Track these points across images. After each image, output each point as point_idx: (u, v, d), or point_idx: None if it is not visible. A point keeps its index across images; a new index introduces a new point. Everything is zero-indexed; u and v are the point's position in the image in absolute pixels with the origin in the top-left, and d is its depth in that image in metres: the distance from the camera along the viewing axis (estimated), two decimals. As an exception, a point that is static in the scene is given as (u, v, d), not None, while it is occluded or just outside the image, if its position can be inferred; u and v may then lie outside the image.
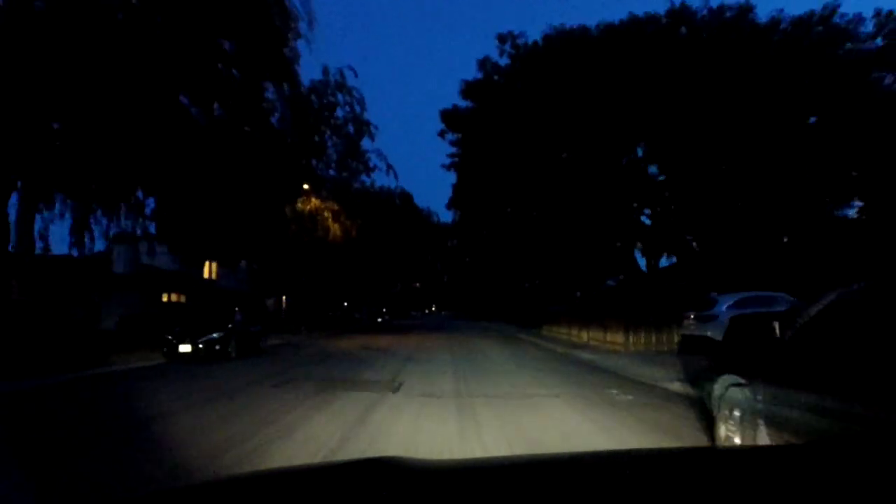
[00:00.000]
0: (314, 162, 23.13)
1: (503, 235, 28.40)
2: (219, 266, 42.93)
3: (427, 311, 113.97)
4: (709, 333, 14.93)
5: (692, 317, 15.62)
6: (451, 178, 28.04)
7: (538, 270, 38.13)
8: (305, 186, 25.88)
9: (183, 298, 39.99)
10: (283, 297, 50.70)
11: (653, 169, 25.86)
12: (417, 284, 77.13)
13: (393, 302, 70.38)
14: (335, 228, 28.64)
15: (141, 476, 4.38)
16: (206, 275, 43.92)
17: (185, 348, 14.16)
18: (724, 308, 15.15)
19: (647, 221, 26.92)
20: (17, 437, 6.09)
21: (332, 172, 24.08)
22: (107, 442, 5.69)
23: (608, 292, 27.19)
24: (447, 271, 69.19)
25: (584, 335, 20.62)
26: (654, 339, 16.63)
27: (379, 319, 50.20)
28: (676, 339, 16.70)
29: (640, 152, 23.93)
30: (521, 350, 18.42)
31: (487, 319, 54.63)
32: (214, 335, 14.46)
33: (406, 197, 37.11)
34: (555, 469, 1.39)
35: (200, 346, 14.24)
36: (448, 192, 28.93)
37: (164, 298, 38.11)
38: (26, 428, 6.59)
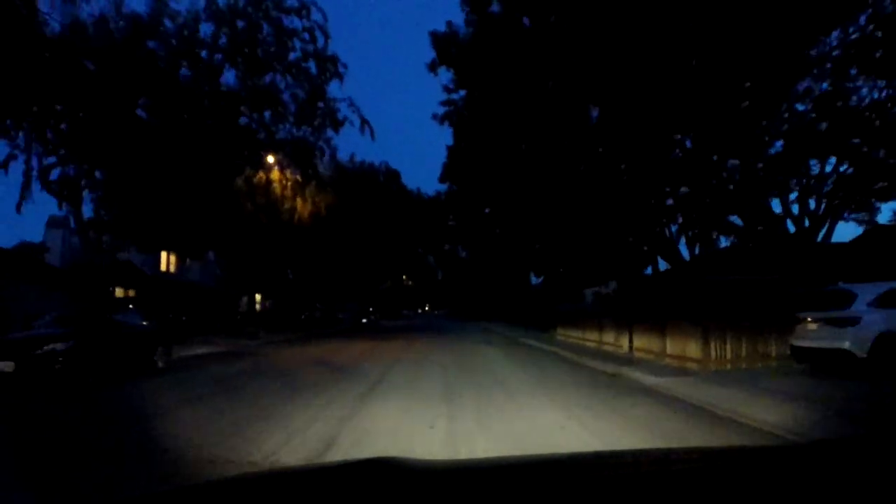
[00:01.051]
0: (267, 114, 17.64)
1: (508, 214, 22.91)
2: (178, 257, 37.45)
3: (420, 311, 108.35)
4: (846, 345, 9.56)
5: (810, 319, 10.22)
6: (445, 138, 22.16)
7: (547, 261, 32.79)
8: (271, 159, 20.39)
9: (132, 293, 34.57)
10: (259, 295, 45.43)
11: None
12: (410, 282, 71.67)
13: (382, 301, 64.67)
14: (303, 208, 23.12)
15: None
16: (162, 267, 38.51)
17: (4, 366, 8.61)
18: (865, 306, 9.79)
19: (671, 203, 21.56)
20: None
21: (288, 127, 18.47)
22: None
23: (647, 286, 21.81)
24: (441, 266, 63.67)
25: (624, 343, 15.21)
26: (743, 351, 11.24)
27: (364, 320, 44.52)
28: (774, 350, 11.37)
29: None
30: (545, 369, 12.97)
31: (486, 319, 49.25)
32: (57, 346, 8.90)
33: (392, 174, 31.39)
34: (555, 469, 1.40)
35: (42, 358, 8.72)
36: (439, 163, 23.50)
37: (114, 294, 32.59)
38: None
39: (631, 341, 14.58)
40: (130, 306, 13.43)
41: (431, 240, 33.15)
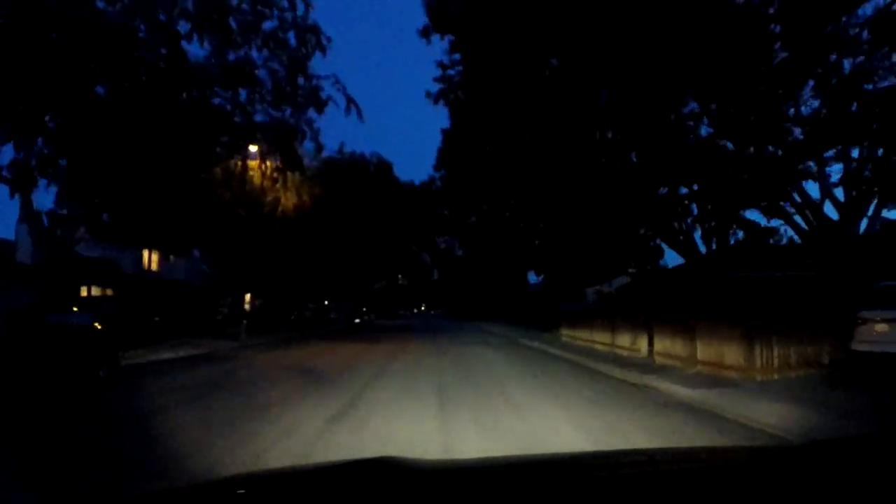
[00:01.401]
0: (243, 94, 15.85)
1: (508, 205, 21.18)
2: (161, 254, 35.70)
3: (416, 311, 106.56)
4: (927, 350, 7.91)
5: (880, 319, 8.54)
6: (440, 121, 20.22)
7: (548, 258, 31.14)
8: (251, 147, 18.54)
9: (110, 292, 32.76)
10: (249, 295, 43.69)
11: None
12: (406, 282, 69.92)
13: (377, 300, 62.83)
14: (288, 199, 21.39)
15: None
16: (144, 265, 36.75)
17: None
18: (947, 303, 8.13)
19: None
20: None
21: (267, 109, 16.56)
22: None
23: (659, 283, 20.13)
24: (437, 265, 61.91)
25: (641, 346, 13.50)
26: (792, 357, 9.54)
27: (357, 320, 42.64)
28: (826, 354, 9.69)
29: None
30: (556, 377, 11.26)
31: (483, 319, 47.57)
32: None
33: (384, 166, 29.46)
34: (555, 469, 1.39)
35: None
36: (433, 149, 21.57)
37: (84, 293, 30.78)
38: None
39: (651, 344, 12.88)
40: (75, 308, 11.71)
41: (426, 233, 31.28)
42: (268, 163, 18.12)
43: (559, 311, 28.04)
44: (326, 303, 51.51)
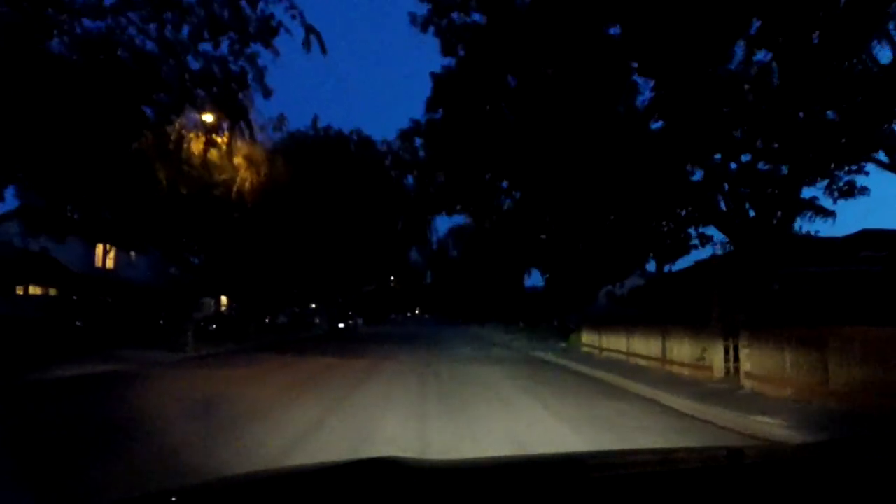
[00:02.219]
0: (168, 29, 11.76)
1: (512, 182, 17.32)
2: (117, 251, 31.65)
3: (409, 315, 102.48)
4: None
5: None
6: (430, 63, 16.33)
7: (555, 254, 27.41)
8: (208, 117, 14.43)
9: (53, 292, 28.79)
10: (225, 298, 39.86)
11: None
12: (398, 285, 65.87)
13: (367, 304, 58.57)
14: (246, 177, 17.44)
15: None
16: (97, 263, 32.70)
17: None
18: None
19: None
20: None
21: (198, 48, 12.31)
22: None
23: (699, 281, 16.24)
24: (431, 266, 58.00)
25: (715, 362, 9.52)
26: None
27: (341, 325, 38.35)
28: None
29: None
30: (616, 426, 7.35)
31: (480, 324, 43.76)
32: None
33: (365, 142, 25.18)
34: (554, 469, 1.38)
35: None
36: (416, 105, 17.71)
37: (20, 291, 26.73)
38: None
39: (734, 360, 8.95)
40: None
41: (416, 214, 27.08)
42: (205, 119, 14.01)
43: (574, 316, 24.47)
44: (314, 307, 47.46)
